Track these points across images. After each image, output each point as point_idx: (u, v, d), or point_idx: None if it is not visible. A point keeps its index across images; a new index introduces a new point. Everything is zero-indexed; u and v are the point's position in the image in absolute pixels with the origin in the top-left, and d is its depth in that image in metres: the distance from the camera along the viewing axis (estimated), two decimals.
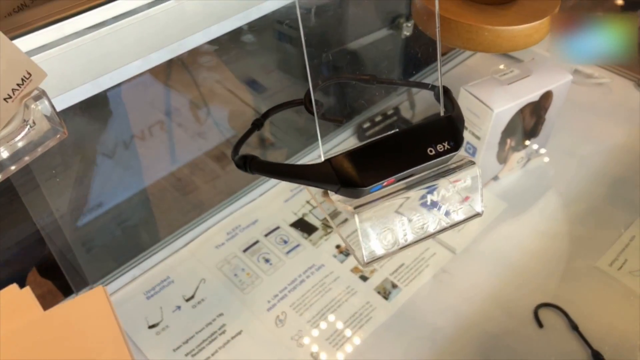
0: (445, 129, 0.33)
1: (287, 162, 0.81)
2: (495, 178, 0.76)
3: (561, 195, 0.76)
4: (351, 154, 0.32)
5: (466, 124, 0.70)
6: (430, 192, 0.33)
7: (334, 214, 0.39)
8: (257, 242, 0.70)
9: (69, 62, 0.45)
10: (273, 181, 0.77)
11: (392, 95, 0.90)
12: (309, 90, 0.32)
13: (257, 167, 0.36)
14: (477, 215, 0.35)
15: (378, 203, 0.32)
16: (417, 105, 0.87)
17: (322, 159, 0.32)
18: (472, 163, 0.34)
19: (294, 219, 0.73)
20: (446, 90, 0.36)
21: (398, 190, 0.33)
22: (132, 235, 0.73)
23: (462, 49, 0.41)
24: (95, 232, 0.70)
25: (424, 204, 0.33)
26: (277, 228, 0.71)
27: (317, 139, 0.35)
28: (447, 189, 0.33)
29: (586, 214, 0.73)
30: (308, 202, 0.74)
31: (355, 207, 0.32)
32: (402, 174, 0.32)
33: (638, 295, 0.64)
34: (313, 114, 0.33)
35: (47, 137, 0.31)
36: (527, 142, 0.75)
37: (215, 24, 0.55)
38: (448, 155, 0.33)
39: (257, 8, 0.56)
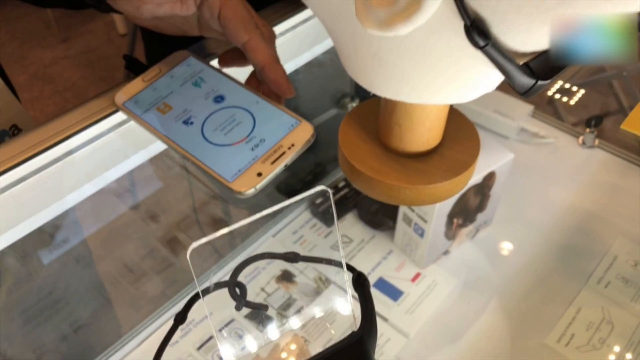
0: (356, 356, 0.33)
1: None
2: (446, 252, 0.78)
3: (509, 267, 0.78)
4: None
5: (413, 208, 0.71)
6: None
7: None
8: (211, 337, 0.70)
9: (19, 200, 0.45)
10: (225, 268, 0.77)
11: None
12: (232, 277, 0.33)
13: None
14: None
15: None
16: None
17: None
18: None
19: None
20: (363, 281, 0.36)
21: None
22: (83, 340, 0.72)
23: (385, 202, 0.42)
24: (45, 338, 0.69)
25: None
26: (232, 321, 0.71)
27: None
28: None
29: (535, 286, 0.75)
30: (262, 289, 0.75)
31: None
32: None
33: None
34: (236, 302, 0.34)
35: None
36: (474, 218, 0.76)
37: None
38: None
39: None
